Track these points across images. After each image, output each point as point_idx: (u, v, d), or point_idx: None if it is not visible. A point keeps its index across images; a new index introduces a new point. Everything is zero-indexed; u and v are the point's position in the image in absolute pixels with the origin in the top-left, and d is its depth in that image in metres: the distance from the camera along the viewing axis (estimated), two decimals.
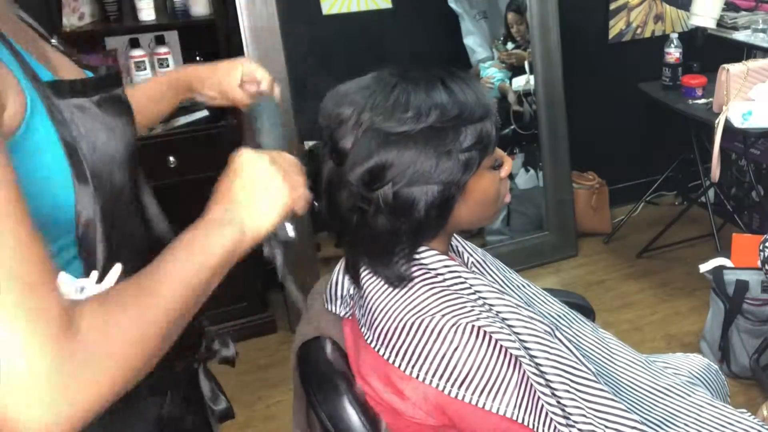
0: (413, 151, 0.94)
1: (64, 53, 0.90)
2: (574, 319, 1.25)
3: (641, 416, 1.13)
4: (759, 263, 2.16)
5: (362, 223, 0.98)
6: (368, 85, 0.99)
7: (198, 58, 2.67)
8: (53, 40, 0.91)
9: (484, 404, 0.95)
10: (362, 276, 1.05)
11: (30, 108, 0.69)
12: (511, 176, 1.10)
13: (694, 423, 1.16)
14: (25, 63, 0.71)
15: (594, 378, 1.03)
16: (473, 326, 0.95)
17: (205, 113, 2.55)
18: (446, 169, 0.96)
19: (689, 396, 1.21)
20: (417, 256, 1.02)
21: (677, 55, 2.97)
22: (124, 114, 0.83)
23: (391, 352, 0.98)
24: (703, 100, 2.82)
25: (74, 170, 0.71)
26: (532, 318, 1.02)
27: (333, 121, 0.98)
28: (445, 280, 1.02)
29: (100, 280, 0.74)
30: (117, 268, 0.75)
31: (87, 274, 0.74)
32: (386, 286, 1.01)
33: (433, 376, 0.95)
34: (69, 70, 0.86)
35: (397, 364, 0.97)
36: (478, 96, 0.99)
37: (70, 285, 0.70)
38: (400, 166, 0.94)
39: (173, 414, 0.88)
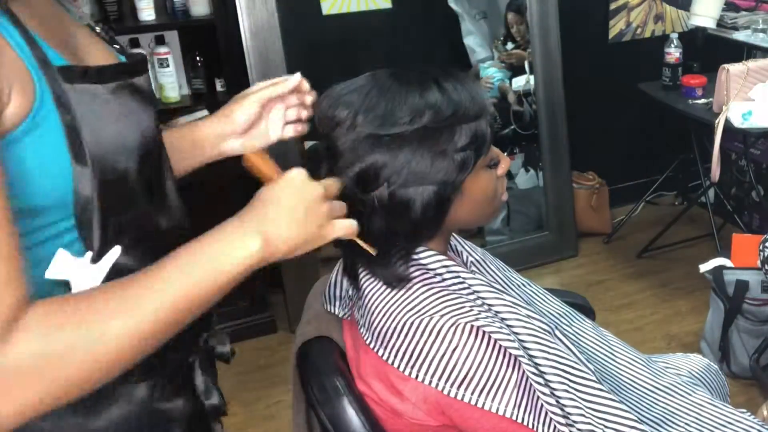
0: (408, 151, 0.94)
1: (105, 40, 0.91)
2: (574, 317, 1.25)
3: (641, 415, 1.13)
4: (759, 263, 2.16)
5: (359, 225, 0.98)
6: (363, 86, 0.99)
7: (198, 58, 2.67)
8: (98, 28, 0.92)
9: (484, 404, 0.95)
10: (361, 277, 1.05)
11: (39, 96, 0.70)
12: (510, 176, 1.11)
13: (694, 422, 1.16)
14: (37, 48, 0.72)
15: (593, 377, 1.03)
16: (472, 326, 0.95)
17: (205, 113, 2.55)
18: (442, 169, 0.96)
19: (689, 395, 1.21)
20: (415, 257, 1.02)
21: (677, 55, 2.97)
22: (142, 102, 0.83)
23: (390, 353, 0.98)
24: (703, 100, 2.82)
25: (73, 152, 0.73)
26: (531, 317, 1.02)
27: (328, 123, 0.98)
28: (443, 280, 1.02)
29: (96, 260, 0.76)
30: (115, 251, 0.77)
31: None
32: (385, 286, 1.01)
33: (432, 376, 0.95)
34: (101, 57, 0.86)
35: (396, 365, 0.97)
36: (473, 95, 0.98)
37: (67, 262, 0.73)
38: (395, 167, 0.94)
39: (161, 401, 0.88)
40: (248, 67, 2.53)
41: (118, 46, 0.93)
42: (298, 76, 1.09)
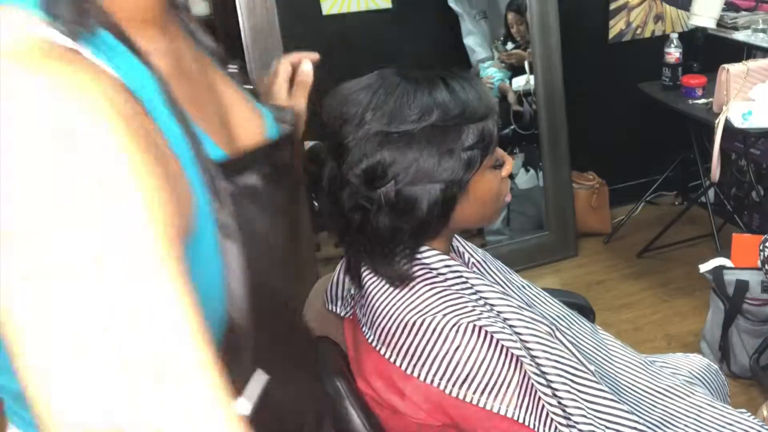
0: (416, 149, 0.94)
1: (243, 83, 0.75)
2: (574, 320, 1.25)
3: (641, 417, 1.13)
4: (759, 263, 2.16)
5: (364, 223, 0.99)
6: (371, 84, 0.99)
7: None
8: (230, 67, 0.75)
9: (486, 404, 0.95)
10: (363, 275, 1.05)
11: (199, 208, 0.55)
12: (511, 176, 1.11)
13: (693, 423, 1.16)
14: (196, 140, 0.56)
15: (595, 379, 1.03)
16: (474, 326, 0.95)
17: None
18: (448, 168, 0.96)
19: (689, 396, 1.21)
20: (418, 256, 1.02)
21: (677, 55, 2.97)
22: (290, 188, 0.68)
23: (392, 352, 0.98)
24: (703, 100, 2.81)
25: (227, 265, 0.57)
26: (533, 319, 1.02)
27: (337, 120, 0.98)
28: (446, 279, 1.02)
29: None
30: (260, 377, 0.63)
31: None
32: (387, 285, 1.01)
33: (434, 375, 0.95)
34: (246, 118, 0.70)
35: (398, 364, 0.97)
36: (480, 95, 0.99)
37: None
38: (402, 164, 0.94)
39: None
40: (248, 67, 2.52)
41: (250, 86, 0.78)
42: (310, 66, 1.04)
